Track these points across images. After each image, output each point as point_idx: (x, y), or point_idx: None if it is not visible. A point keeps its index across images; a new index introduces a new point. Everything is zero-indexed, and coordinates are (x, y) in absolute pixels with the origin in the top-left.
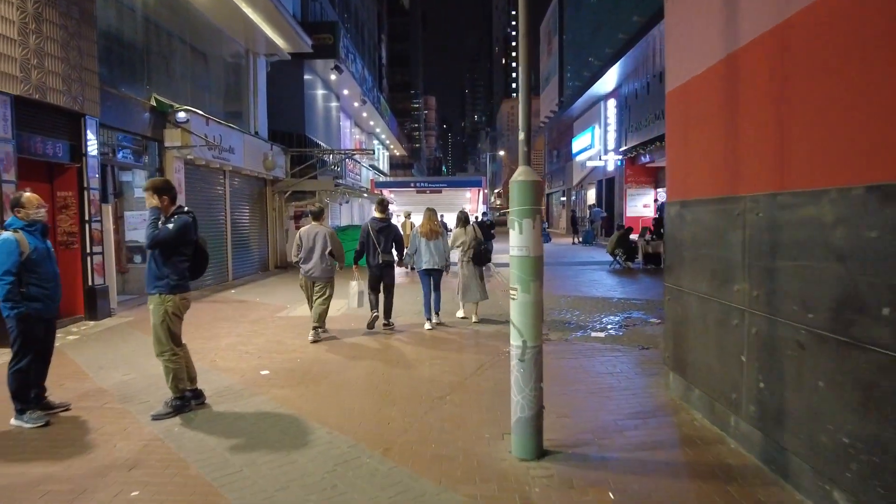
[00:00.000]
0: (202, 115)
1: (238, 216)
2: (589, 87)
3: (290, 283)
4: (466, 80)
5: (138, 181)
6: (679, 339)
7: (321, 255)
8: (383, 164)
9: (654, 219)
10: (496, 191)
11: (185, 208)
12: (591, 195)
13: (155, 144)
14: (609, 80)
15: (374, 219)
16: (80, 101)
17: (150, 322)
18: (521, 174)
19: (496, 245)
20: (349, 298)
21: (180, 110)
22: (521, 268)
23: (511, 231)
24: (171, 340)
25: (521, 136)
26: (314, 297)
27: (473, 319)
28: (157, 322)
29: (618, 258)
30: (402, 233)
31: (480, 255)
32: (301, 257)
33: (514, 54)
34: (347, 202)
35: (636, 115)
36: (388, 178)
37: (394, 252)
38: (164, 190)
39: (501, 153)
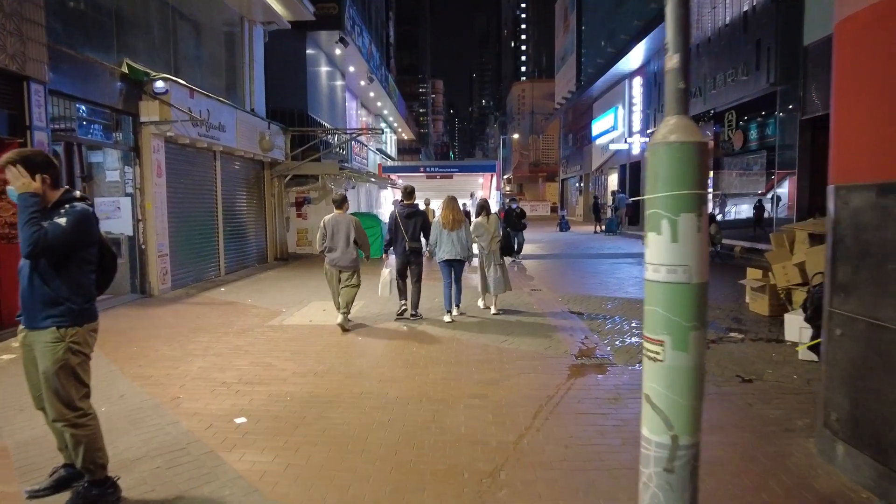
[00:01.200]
0: (185, 85)
1: (231, 203)
2: (613, 65)
3: (291, 278)
4: (474, 65)
5: (111, 162)
6: (862, 396)
7: (346, 244)
8: (391, 148)
9: None
10: (505, 177)
11: (78, 193)
12: (612, 181)
13: (129, 119)
14: (636, 57)
15: (401, 205)
16: (20, 61)
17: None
18: (674, 130)
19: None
20: (380, 286)
21: (158, 79)
22: (674, 302)
23: (651, 236)
24: (78, 394)
25: (673, 61)
26: (341, 286)
27: (493, 311)
28: (52, 369)
29: None
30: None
31: (508, 247)
32: (326, 246)
33: (523, 37)
34: (353, 187)
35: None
36: (397, 163)
37: (422, 239)
38: (40, 165)
39: (516, 136)
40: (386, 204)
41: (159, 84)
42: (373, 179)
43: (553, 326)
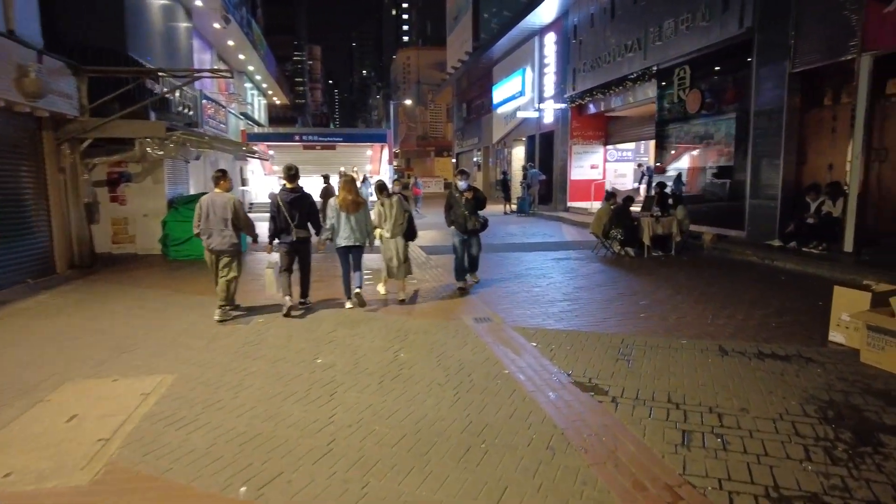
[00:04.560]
0: None
1: None
2: (522, 18)
3: (83, 310)
4: (354, 33)
5: None
6: None
7: (223, 226)
8: (260, 115)
9: (657, 188)
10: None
11: None
12: (517, 153)
13: None
14: (548, 9)
15: (283, 189)
16: None
17: None
18: None
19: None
20: (267, 283)
21: None
22: None
23: None
24: None
25: None
26: (219, 274)
27: (401, 297)
28: None
29: (609, 242)
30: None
31: (411, 231)
32: (201, 229)
33: (405, 5)
34: (197, 158)
35: (593, 49)
36: (267, 130)
37: (310, 226)
38: None
39: (408, 101)
40: (255, 181)
41: None
42: (228, 148)
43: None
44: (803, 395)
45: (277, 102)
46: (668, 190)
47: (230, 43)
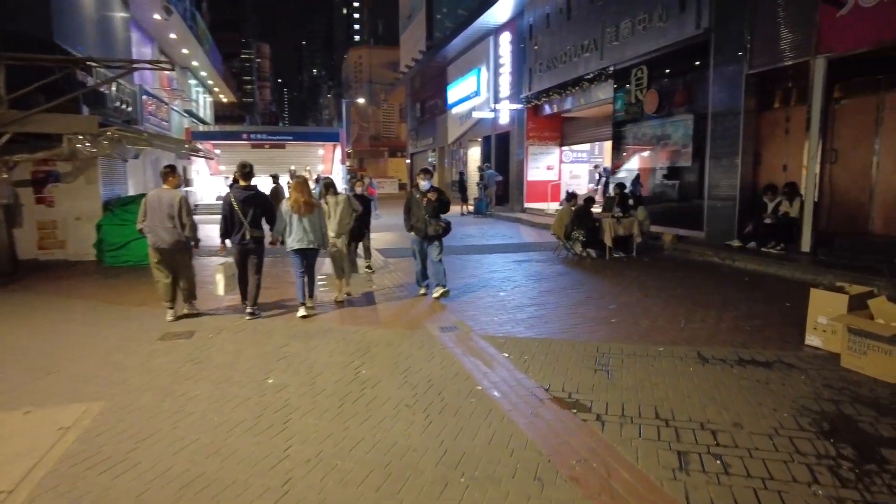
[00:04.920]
0: None
1: None
2: (476, 17)
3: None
4: (304, 32)
5: None
6: None
7: (169, 225)
8: (206, 112)
9: (617, 188)
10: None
11: None
12: (473, 154)
13: None
14: (503, 8)
15: (236, 187)
16: None
17: None
18: None
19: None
20: (218, 283)
21: None
22: None
23: None
24: None
25: None
26: (165, 274)
27: (337, 297)
28: None
29: (570, 244)
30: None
31: (359, 232)
32: (145, 226)
33: (356, 4)
34: (135, 156)
35: (549, 49)
36: (212, 128)
37: (264, 226)
38: None
39: (361, 100)
40: (201, 182)
41: None
42: (169, 146)
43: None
44: (793, 405)
45: (224, 100)
46: (627, 191)
47: (172, 36)
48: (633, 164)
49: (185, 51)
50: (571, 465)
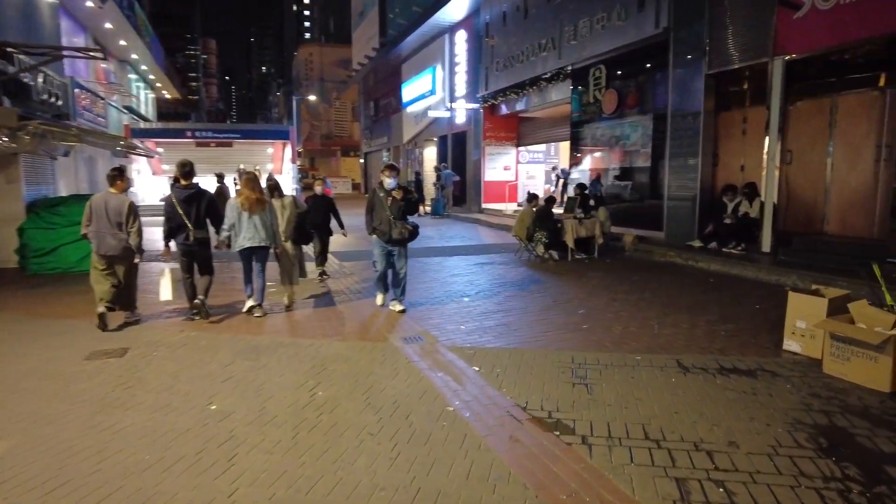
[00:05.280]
0: None
1: None
2: (431, 15)
3: None
4: (252, 30)
5: None
6: None
7: (115, 230)
8: (148, 109)
9: (577, 189)
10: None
11: None
12: (429, 154)
13: None
14: (458, 6)
15: (176, 187)
16: None
17: None
18: None
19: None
20: (162, 287)
21: None
22: None
23: None
24: None
25: None
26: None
27: (285, 301)
28: None
29: (533, 245)
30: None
31: (303, 235)
32: (90, 231)
33: (306, 1)
34: (67, 154)
35: (506, 48)
36: (154, 125)
37: (209, 226)
38: None
39: (312, 97)
40: (143, 182)
41: None
42: (103, 143)
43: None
44: (785, 419)
45: (168, 97)
46: (588, 191)
47: (108, 26)
48: (592, 165)
49: (123, 42)
50: (562, 501)
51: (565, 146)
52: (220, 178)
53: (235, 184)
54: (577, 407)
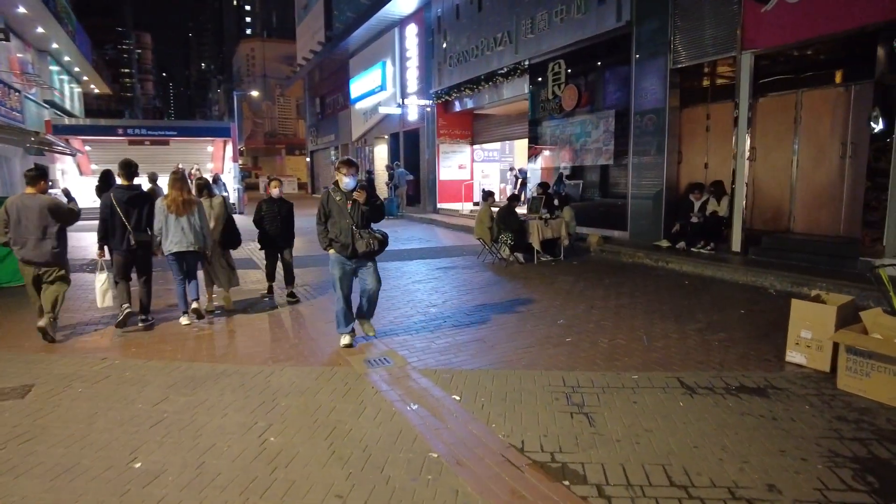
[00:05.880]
0: None
1: None
2: (379, 8)
3: None
4: (190, 25)
5: None
6: None
7: (41, 234)
8: (74, 104)
9: (540, 188)
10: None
11: None
12: (381, 152)
13: None
14: None
15: (118, 188)
16: None
17: None
18: None
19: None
20: (98, 293)
21: None
22: None
23: None
24: None
25: None
26: (44, 282)
27: (222, 304)
28: None
29: (497, 248)
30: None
31: (232, 239)
32: (11, 238)
33: None
34: None
35: (459, 42)
36: (81, 121)
37: (150, 230)
38: None
39: (255, 93)
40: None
41: None
42: (9, 137)
43: None
44: (819, 451)
45: (97, 92)
46: (551, 190)
47: (21, 10)
48: (551, 163)
49: (41, 30)
50: None
51: (522, 144)
52: (153, 178)
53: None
54: (582, 445)
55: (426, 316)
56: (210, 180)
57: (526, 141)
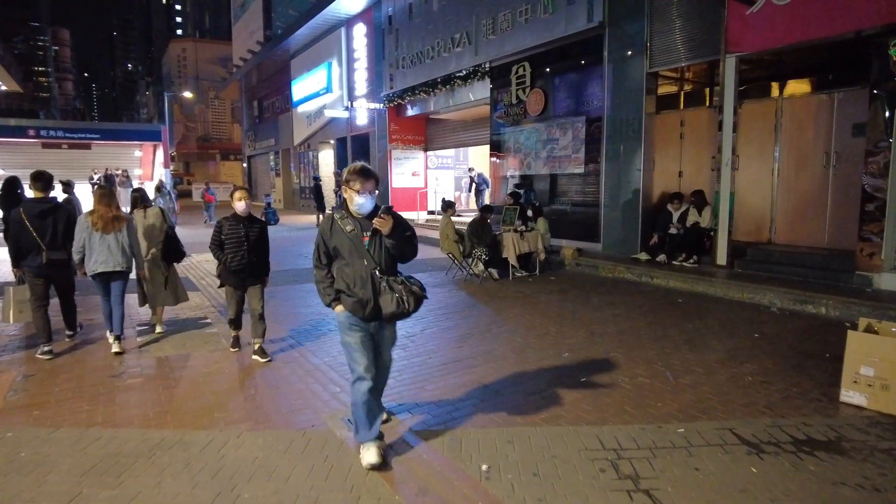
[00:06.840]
0: None
1: None
2: (325, 6)
3: None
4: (115, 23)
5: None
6: None
7: None
8: None
9: (510, 198)
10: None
11: None
12: (326, 157)
13: None
14: None
15: (29, 201)
16: None
17: None
18: None
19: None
20: (2, 311)
21: None
22: None
23: None
24: None
25: None
26: None
27: (158, 329)
28: None
29: (469, 263)
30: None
31: (175, 252)
32: None
33: None
34: None
35: (412, 43)
36: None
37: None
38: None
39: (188, 94)
40: None
41: None
42: None
43: None
44: None
45: (4, 89)
46: (522, 200)
47: None
48: (515, 171)
49: None
50: None
51: (476, 150)
52: (68, 187)
53: (94, 194)
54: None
55: (407, 351)
56: (154, 187)
57: (484, 147)
